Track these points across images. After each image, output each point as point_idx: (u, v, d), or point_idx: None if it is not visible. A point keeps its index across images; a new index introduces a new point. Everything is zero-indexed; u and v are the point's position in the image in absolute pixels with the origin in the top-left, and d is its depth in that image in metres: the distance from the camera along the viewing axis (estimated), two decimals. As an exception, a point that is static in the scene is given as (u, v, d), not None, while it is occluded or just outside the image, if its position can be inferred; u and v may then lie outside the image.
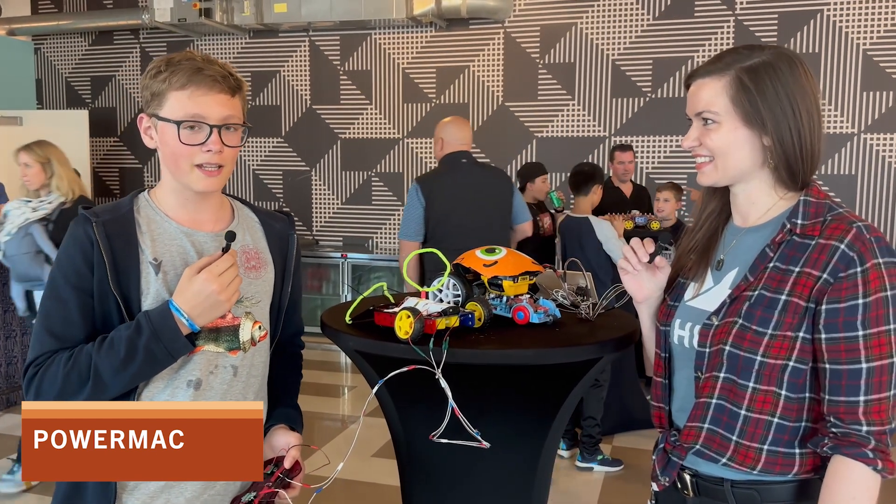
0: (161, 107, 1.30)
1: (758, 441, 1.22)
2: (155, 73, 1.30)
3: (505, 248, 1.90)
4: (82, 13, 7.73)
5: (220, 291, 1.25)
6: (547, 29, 6.57)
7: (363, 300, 1.86)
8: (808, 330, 1.18)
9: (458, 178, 3.48)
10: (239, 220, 1.46)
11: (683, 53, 6.24)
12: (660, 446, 1.37)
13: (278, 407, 1.52)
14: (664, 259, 1.38)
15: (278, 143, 7.42)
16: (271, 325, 1.48)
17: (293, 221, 1.57)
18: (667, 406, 1.38)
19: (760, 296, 1.22)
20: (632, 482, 3.78)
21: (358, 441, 4.23)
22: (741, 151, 1.24)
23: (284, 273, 1.50)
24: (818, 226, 1.21)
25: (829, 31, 5.89)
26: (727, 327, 1.24)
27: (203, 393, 1.33)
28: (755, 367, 1.20)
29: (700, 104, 1.26)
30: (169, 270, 1.31)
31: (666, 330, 1.37)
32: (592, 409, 3.89)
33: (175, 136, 1.29)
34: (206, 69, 1.29)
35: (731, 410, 1.23)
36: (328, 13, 6.57)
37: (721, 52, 1.29)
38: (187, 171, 1.31)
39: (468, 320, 1.69)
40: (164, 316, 1.25)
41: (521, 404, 1.78)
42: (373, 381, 1.72)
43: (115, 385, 1.25)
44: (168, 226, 1.36)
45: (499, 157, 6.80)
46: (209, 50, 7.47)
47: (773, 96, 1.21)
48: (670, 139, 6.31)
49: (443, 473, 1.85)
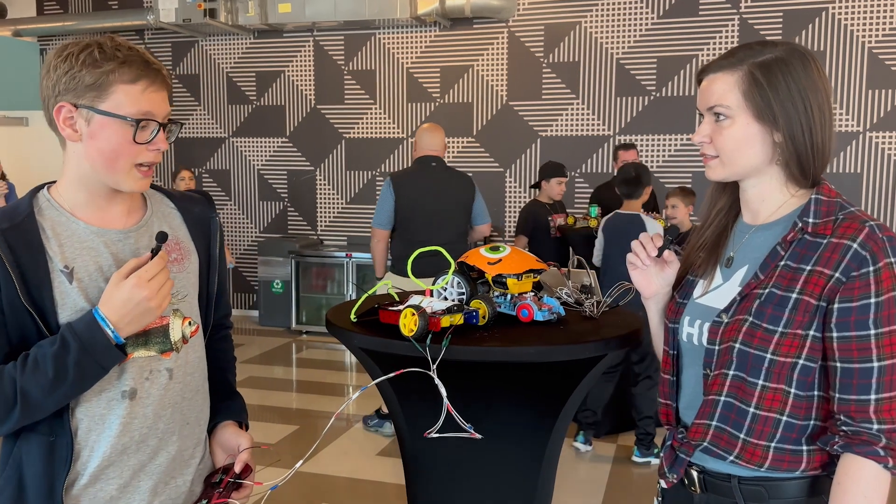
0: (102, 100, 1.18)
1: (765, 439, 1.22)
2: (90, 62, 1.17)
3: (509, 246, 1.91)
4: (87, 14, 7.76)
5: (150, 298, 1.17)
6: (551, 28, 6.57)
7: (368, 298, 1.86)
8: (819, 328, 1.18)
9: (426, 178, 3.97)
10: (153, 209, 1.35)
11: (688, 52, 6.23)
12: (667, 443, 1.37)
13: (222, 399, 1.46)
14: (673, 254, 1.38)
15: (283, 142, 7.43)
16: (202, 316, 1.39)
17: (212, 202, 1.47)
18: (674, 403, 1.38)
19: (771, 294, 1.21)
20: (638, 478, 3.79)
21: (363, 440, 4.24)
22: (752, 147, 1.24)
23: (210, 260, 1.41)
24: (830, 224, 1.20)
25: (834, 29, 5.88)
26: (737, 325, 1.23)
27: (139, 402, 1.25)
28: (765, 364, 1.20)
29: (712, 98, 1.26)
30: (83, 277, 1.21)
31: (674, 327, 1.37)
32: (647, 408, 3.92)
33: (124, 134, 1.19)
34: (151, 63, 1.21)
35: (739, 408, 1.23)
36: (332, 13, 6.58)
37: (734, 47, 1.28)
38: (125, 171, 1.22)
39: (472, 318, 1.69)
40: (90, 328, 1.16)
41: (525, 401, 1.79)
42: (377, 378, 1.73)
43: (46, 406, 1.17)
44: (76, 227, 1.24)
45: (503, 156, 6.81)
46: (214, 50, 7.49)
47: (786, 92, 1.21)
48: (675, 138, 6.30)
49: (447, 472, 1.86)
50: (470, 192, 4.07)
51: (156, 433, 1.28)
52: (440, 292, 1.86)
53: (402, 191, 3.92)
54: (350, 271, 6.74)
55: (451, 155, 6.96)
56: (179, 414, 1.32)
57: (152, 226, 1.32)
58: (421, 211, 3.93)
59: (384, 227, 3.99)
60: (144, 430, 1.27)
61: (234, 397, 1.50)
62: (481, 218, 4.12)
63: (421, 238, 3.78)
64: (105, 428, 1.24)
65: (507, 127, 6.76)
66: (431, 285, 1.82)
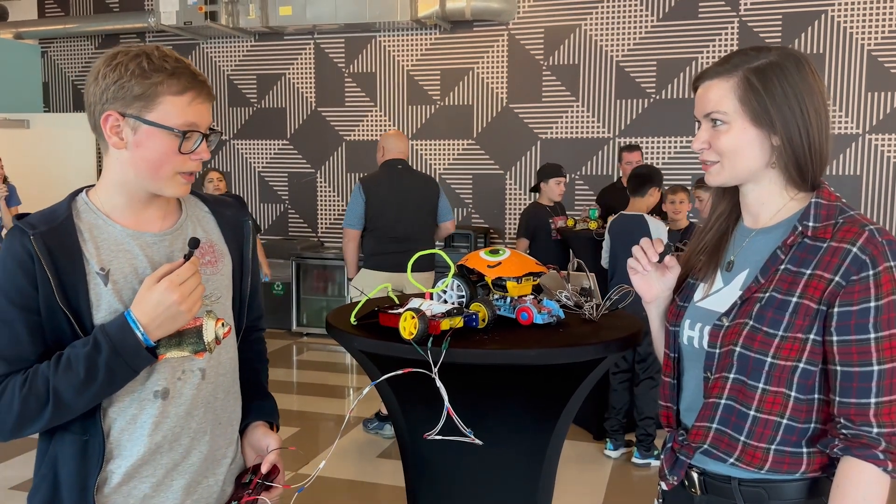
0: (150, 110, 1.21)
1: (766, 441, 1.23)
2: (139, 73, 1.20)
3: (509, 249, 1.91)
4: (89, 17, 7.78)
5: (181, 302, 1.19)
6: (551, 31, 6.58)
7: (368, 301, 1.87)
8: (819, 332, 1.19)
9: (395, 180, 4.27)
10: (188, 213, 1.38)
11: (688, 55, 6.24)
12: (668, 445, 1.38)
13: (253, 400, 1.48)
14: (674, 259, 1.39)
15: (283, 145, 7.44)
16: (235, 317, 1.42)
17: (245, 206, 1.49)
18: (675, 405, 1.39)
19: (771, 297, 1.22)
20: (639, 480, 3.79)
21: (363, 442, 4.25)
22: (750, 151, 1.25)
23: (243, 263, 1.44)
24: (830, 228, 1.21)
25: (833, 32, 5.88)
26: (738, 328, 1.24)
27: (172, 401, 1.28)
28: (765, 368, 1.21)
29: (709, 105, 1.27)
30: (118, 279, 1.24)
31: (675, 330, 1.37)
32: (649, 409, 3.95)
33: (170, 144, 1.22)
34: (198, 74, 1.24)
35: (739, 411, 1.24)
36: (333, 16, 6.59)
37: (728, 54, 1.30)
38: (168, 178, 1.25)
39: (472, 321, 1.70)
40: (122, 330, 1.18)
41: (525, 404, 1.79)
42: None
43: (77, 405, 1.19)
44: (112, 230, 1.27)
45: (503, 158, 6.82)
46: (215, 53, 7.51)
47: (782, 96, 1.22)
48: (675, 140, 6.31)
49: (448, 474, 1.86)
50: (435, 191, 4.39)
51: (188, 432, 1.31)
52: (440, 295, 1.87)
53: (372, 193, 4.22)
54: (350, 273, 6.75)
55: (452, 157, 6.98)
56: (212, 414, 1.35)
57: (186, 229, 1.35)
58: (391, 211, 4.22)
59: (355, 227, 4.29)
60: (177, 430, 1.29)
61: (267, 398, 1.53)
62: (446, 215, 4.44)
63: (392, 235, 4.20)
64: (137, 427, 1.26)
65: (507, 129, 6.77)
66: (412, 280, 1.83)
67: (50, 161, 7.20)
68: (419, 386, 1.55)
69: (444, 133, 6.97)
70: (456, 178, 7.00)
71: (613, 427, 4.10)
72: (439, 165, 7.02)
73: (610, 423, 4.10)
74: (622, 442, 4.12)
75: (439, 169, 7.02)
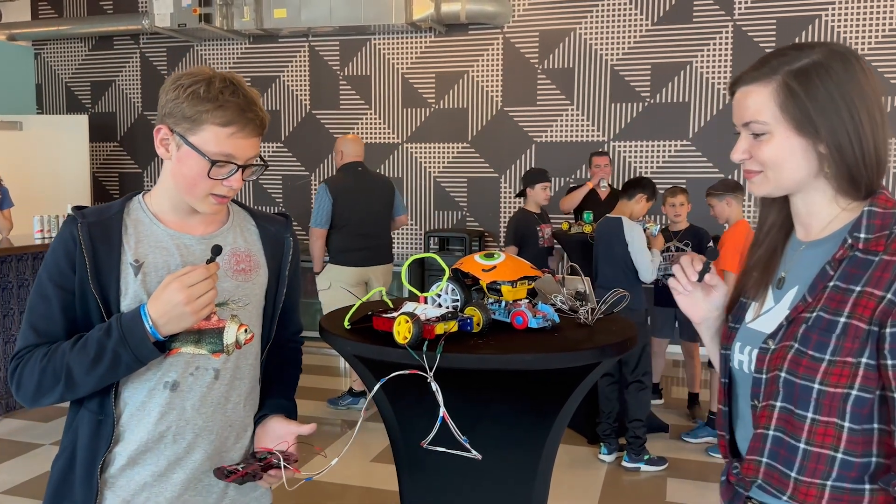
0: (193, 133, 1.29)
1: (820, 477, 1.10)
2: (193, 97, 1.28)
3: (503, 253, 1.91)
4: (82, 18, 7.75)
5: (186, 303, 1.24)
6: (546, 34, 6.58)
7: (362, 305, 1.86)
8: (873, 355, 1.06)
9: (357, 181, 4.73)
10: (233, 222, 1.46)
11: (682, 58, 6.26)
12: (723, 478, 1.29)
13: (273, 398, 1.52)
14: (717, 277, 1.30)
15: (278, 147, 7.43)
16: (265, 327, 1.48)
17: (290, 224, 1.56)
18: (728, 434, 1.29)
19: (818, 318, 1.11)
20: (633, 484, 3.78)
21: (356, 446, 4.23)
22: (795, 162, 1.14)
23: (280, 277, 1.50)
24: (882, 240, 1.09)
25: (827, 36, 5.90)
26: (783, 352, 1.13)
27: (180, 394, 1.34)
28: (813, 395, 1.09)
29: (747, 114, 1.16)
30: (150, 272, 1.33)
31: (726, 353, 1.27)
32: (638, 412, 3.95)
33: (202, 168, 1.30)
34: (248, 111, 1.30)
35: (789, 444, 1.13)
36: (328, 18, 6.58)
37: (766, 54, 1.18)
38: (200, 197, 1.33)
39: (467, 325, 1.69)
40: (134, 320, 1.25)
41: (520, 409, 1.79)
42: (371, 386, 1.73)
43: (85, 384, 1.27)
44: (156, 229, 1.37)
45: (498, 161, 6.82)
46: (209, 55, 7.49)
47: (827, 100, 1.11)
48: (669, 144, 6.32)
49: (441, 478, 1.85)
50: (392, 189, 4.87)
51: (193, 428, 1.36)
52: (434, 299, 1.86)
53: (339, 194, 4.64)
54: (345, 276, 6.73)
55: (446, 160, 6.97)
56: (221, 415, 1.39)
57: (227, 237, 1.43)
58: (355, 209, 4.66)
59: (322, 226, 4.70)
60: (182, 423, 1.35)
61: (288, 399, 1.55)
62: (400, 210, 4.94)
63: (357, 231, 4.67)
64: (145, 414, 1.33)
65: (502, 133, 6.77)
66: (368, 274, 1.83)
67: (43, 163, 7.17)
68: (413, 390, 1.54)
69: (438, 136, 6.97)
70: (451, 182, 6.99)
71: (605, 431, 4.09)
72: (434, 168, 7.02)
73: (602, 427, 4.10)
74: (615, 446, 4.11)
75: (434, 172, 7.01)
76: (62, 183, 7.11)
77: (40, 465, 3.94)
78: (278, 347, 1.54)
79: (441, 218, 7.07)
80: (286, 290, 1.51)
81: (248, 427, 1.47)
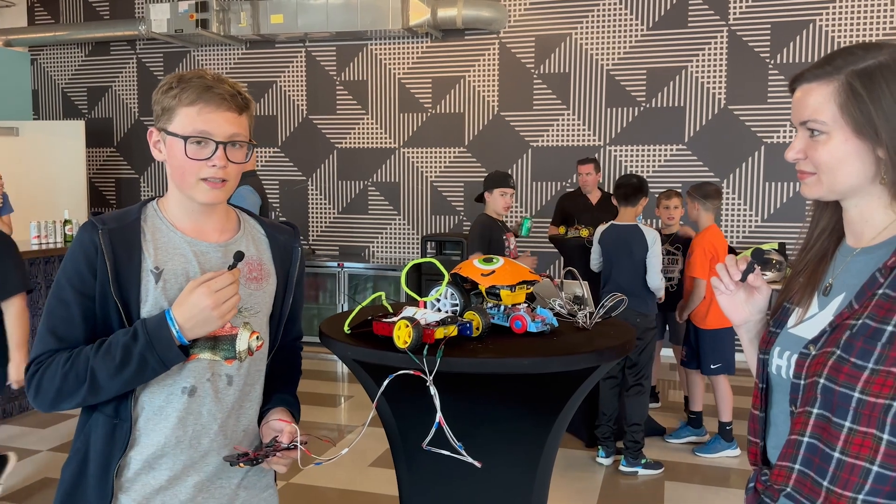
0: (170, 122, 1.34)
1: (852, 490, 1.06)
2: (166, 90, 1.34)
3: (502, 257, 1.92)
4: (79, 24, 7.76)
5: (213, 307, 1.27)
6: (542, 39, 6.61)
7: (361, 310, 1.87)
8: None
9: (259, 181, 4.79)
10: (244, 231, 1.49)
11: (677, 63, 6.29)
12: (750, 485, 1.25)
13: (279, 393, 1.54)
14: (760, 278, 1.27)
15: (275, 152, 7.44)
16: (270, 334, 1.50)
17: (298, 234, 1.59)
18: (761, 441, 1.26)
19: (864, 325, 1.07)
20: (632, 487, 3.79)
21: (355, 451, 4.23)
22: (851, 165, 1.10)
23: (287, 284, 1.52)
24: None
25: (821, 41, 5.94)
26: (824, 358, 1.10)
27: (197, 399, 1.36)
28: (852, 404, 1.05)
29: (805, 113, 1.13)
30: (169, 279, 1.35)
31: (764, 358, 1.25)
32: (636, 415, 3.95)
33: (182, 151, 1.32)
34: (215, 87, 1.33)
35: (823, 452, 1.09)
36: (324, 24, 6.60)
37: (832, 52, 1.15)
38: (193, 184, 1.35)
39: (466, 329, 1.70)
40: (160, 325, 1.28)
41: (519, 413, 1.79)
42: (371, 391, 1.73)
43: (109, 389, 1.29)
44: (173, 235, 1.39)
45: (494, 166, 6.83)
46: (206, 61, 7.50)
47: (890, 103, 1.07)
48: (665, 148, 6.35)
49: (441, 482, 1.86)
50: None
51: (208, 433, 1.38)
52: (434, 304, 1.87)
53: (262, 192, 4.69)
54: (342, 281, 6.73)
55: (443, 165, 6.99)
56: (235, 420, 1.42)
57: (241, 245, 1.45)
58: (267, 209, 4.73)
59: None
60: (198, 428, 1.37)
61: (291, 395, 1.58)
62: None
63: None
64: (163, 419, 1.35)
65: (498, 137, 6.79)
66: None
67: (39, 168, 7.16)
68: (413, 394, 1.55)
69: (435, 141, 6.99)
70: (447, 186, 7.01)
71: (605, 434, 4.10)
72: (431, 173, 7.03)
73: (601, 430, 4.11)
74: (614, 449, 4.12)
75: (431, 177, 7.03)
76: (59, 189, 7.11)
77: (38, 471, 3.94)
78: (280, 350, 1.57)
79: (438, 222, 7.08)
80: None
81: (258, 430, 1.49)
